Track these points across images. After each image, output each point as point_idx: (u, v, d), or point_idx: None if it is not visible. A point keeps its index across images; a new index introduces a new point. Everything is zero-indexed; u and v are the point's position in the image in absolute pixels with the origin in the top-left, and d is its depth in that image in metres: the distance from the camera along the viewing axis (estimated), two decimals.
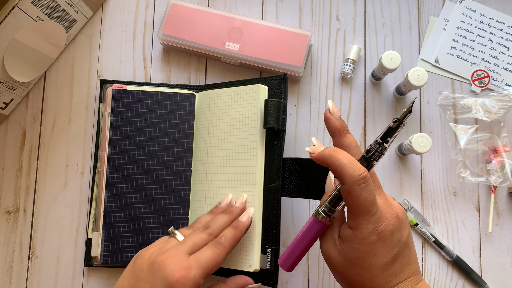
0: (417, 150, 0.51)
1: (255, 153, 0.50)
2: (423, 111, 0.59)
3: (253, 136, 0.50)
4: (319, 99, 0.59)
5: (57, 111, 0.59)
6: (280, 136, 0.50)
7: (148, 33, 0.61)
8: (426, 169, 0.57)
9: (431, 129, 0.58)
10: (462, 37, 0.60)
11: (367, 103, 0.59)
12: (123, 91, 0.55)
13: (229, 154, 0.52)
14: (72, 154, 0.58)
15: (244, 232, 0.46)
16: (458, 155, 0.57)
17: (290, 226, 0.57)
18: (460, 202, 0.57)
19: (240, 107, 0.52)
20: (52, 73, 0.60)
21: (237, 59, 0.57)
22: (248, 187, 0.50)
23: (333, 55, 0.60)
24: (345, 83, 0.59)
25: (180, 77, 0.60)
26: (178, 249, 0.40)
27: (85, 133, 0.59)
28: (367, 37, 0.60)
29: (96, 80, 0.60)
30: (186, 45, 0.57)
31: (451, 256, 0.55)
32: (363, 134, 0.58)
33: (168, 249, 0.41)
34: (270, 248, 0.49)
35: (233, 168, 0.51)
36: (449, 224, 0.56)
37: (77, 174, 0.58)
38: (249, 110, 0.51)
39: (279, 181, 0.49)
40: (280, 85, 0.51)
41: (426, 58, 0.60)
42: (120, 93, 0.55)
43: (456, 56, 0.60)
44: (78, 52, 0.60)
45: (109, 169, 0.54)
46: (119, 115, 0.55)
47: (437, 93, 0.59)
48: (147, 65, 0.60)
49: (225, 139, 0.52)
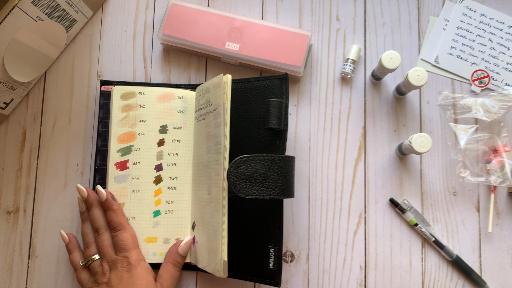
0: (417, 150, 0.51)
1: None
2: (423, 111, 0.58)
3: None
4: (319, 99, 0.59)
5: (57, 111, 0.59)
6: (282, 136, 0.50)
7: (148, 33, 0.61)
8: (426, 169, 0.57)
9: (431, 129, 0.58)
10: (462, 37, 0.60)
11: (367, 103, 0.59)
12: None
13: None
14: (72, 154, 0.58)
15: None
16: (458, 155, 0.57)
17: (290, 226, 0.56)
18: (460, 202, 0.56)
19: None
20: (52, 73, 0.60)
21: (237, 59, 0.57)
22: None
23: (333, 55, 0.60)
24: (345, 83, 0.59)
25: (180, 77, 0.60)
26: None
27: (85, 133, 0.58)
28: (367, 37, 0.60)
29: (96, 80, 0.60)
30: (186, 45, 0.57)
31: (451, 256, 0.55)
32: (363, 134, 0.58)
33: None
34: (273, 248, 0.49)
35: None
36: (449, 224, 0.56)
37: (77, 174, 0.58)
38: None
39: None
40: (281, 84, 0.51)
41: (426, 58, 0.59)
42: (109, 95, 0.56)
43: (456, 56, 0.59)
44: (78, 52, 0.60)
45: (98, 170, 0.55)
46: (107, 116, 0.55)
47: (437, 93, 0.59)
48: (147, 65, 0.60)
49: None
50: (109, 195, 0.52)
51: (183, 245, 0.51)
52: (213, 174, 0.49)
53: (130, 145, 0.54)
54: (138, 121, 0.54)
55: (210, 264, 0.48)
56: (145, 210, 0.53)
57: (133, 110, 0.54)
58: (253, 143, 0.52)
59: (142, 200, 0.53)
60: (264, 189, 0.45)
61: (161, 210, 0.53)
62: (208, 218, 0.49)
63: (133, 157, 0.54)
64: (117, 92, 0.55)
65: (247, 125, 0.53)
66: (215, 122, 0.50)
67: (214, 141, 0.50)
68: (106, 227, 0.51)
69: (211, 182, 0.50)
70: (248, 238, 0.51)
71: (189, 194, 0.54)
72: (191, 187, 0.54)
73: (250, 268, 0.51)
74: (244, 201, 0.51)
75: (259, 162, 0.46)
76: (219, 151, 0.48)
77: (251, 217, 0.51)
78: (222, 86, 0.49)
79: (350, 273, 0.55)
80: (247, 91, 0.54)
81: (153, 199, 0.53)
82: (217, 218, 0.47)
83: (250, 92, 0.53)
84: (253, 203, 0.51)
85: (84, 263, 0.51)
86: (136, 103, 0.55)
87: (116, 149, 0.54)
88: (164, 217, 0.53)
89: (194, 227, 0.53)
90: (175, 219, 0.53)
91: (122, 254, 0.49)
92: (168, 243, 0.53)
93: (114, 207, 0.51)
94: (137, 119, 0.54)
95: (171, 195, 0.53)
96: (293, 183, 0.47)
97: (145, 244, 0.52)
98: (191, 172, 0.54)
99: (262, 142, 0.51)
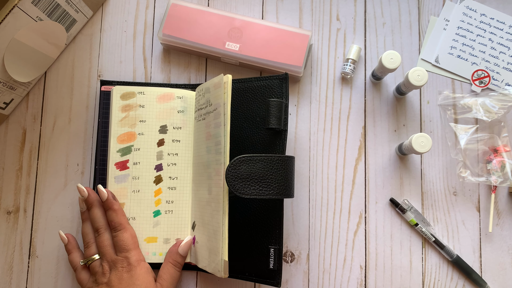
0: (417, 150, 0.51)
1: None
2: (423, 111, 0.58)
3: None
4: (319, 99, 0.59)
5: (57, 111, 0.59)
6: (282, 136, 0.50)
7: (148, 33, 0.61)
8: (426, 169, 0.57)
9: (431, 129, 0.58)
10: (463, 36, 0.60)
11: (367, 103, 0.59)
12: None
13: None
14: (72, 154, 0.58)
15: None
16: (458, 155, 0.57)
17: (290, 226, 0.56)
18: (460, 202, 0.56)
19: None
20: (52, 73, 0.59)
21: (237, 59, 0.57)
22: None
23: (333, 55, 0.59)
24: (345, 83, 0.59)
25: (180, 77, 0.59)
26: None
27: (85, 133, 0.58)
28: (367, 37, 0.60)
29: (97, 80, 0.59)
30: (186, 45, 0.57)
31: (451, 256, 0.55)
32: (363, 134, 0.58)
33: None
34: (273, 248, 0.49)
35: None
36: (449, 224, 0.56)
37: (77, 174, 0.58)
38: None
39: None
40: (282, 84, 0.51)
41: (426, 58, 0.59)
42: (108, 95, 0.55)
43: (456, 56, 0.59)
44: (78, 52, 0.60)
45: (99, 170, 0.54)
46: (107, 116, 0.55)
47: (437, 93, 0.59)
48: (147, 65, 0.60)
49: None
50: (110, 194, 0.52)
51: (183, 245, 0.51)
52: (214, 174, 0.49)
53: (130, 145, 0.54)
54: (138, 121, 0.54)
55: (210, 264, 0.48)
56: (145, 210, 0.53)
57: (133, 110, 0.54)
58: (253, 143, 0.52)
59: (142, 200, 0.53)
60: (263, 189, 0.45)
61: (161, 210, 0.53)
62: (209, 218, 0.49)
63: (133, 157, 0.53)
64: (117, 92, 0.54)
65: (247, 125, 0.53)
66: (215, 122, 0.49)
67: (214, 141, 0.50)
68: (107, 227, 0.51)
69: (211, 182, 0.49)
70: (248, 238, 0.51)
71: (189, 194, 0.54)
72: (191, 187, 0.54)
73: (250, 268, 0.50)
74: (244, 201, 0.51)
75: (258, 162, 0.46)
76: (219, 151, 0.48)
77: (251, 217, 0.51)
78: (222, 86, 0.48)
79: (350, 273, 0.55)
80: (247, 91, 0.53)
81: (153, 199, 0.53)
82: (217, 218, 0.47)
83: (250, 92, 0.53)
84: (253, 203, 0.51)
85: (84, 263, 0.51)
86: (136, 103, 0.54)
87: (116, 149, 0.54)
88: (164, 217, 0.53)
89: (194, 227, 0.52)
90: (175, 219, 0.53)
91: (122, 254, 0.49)
92: (168, 243, 0.53)
93: (114, 207, 0.51)
94: (137, 119, 0.54)
95: (171, 195, 0.53)
96: (292, 183, 0.47)
97: (145, 244, 0.52)
98: (191, 172, 0.54)
99: (262, 142, 0.51)
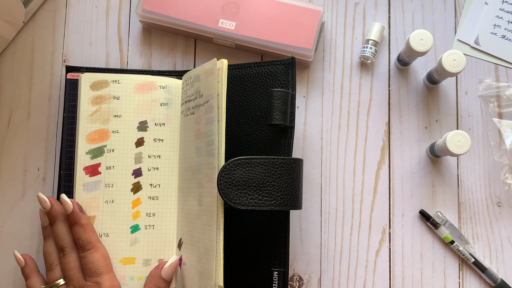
0: (453, 151, 0.49)
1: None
2: (460, 104, 0.56)
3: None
4: (333, 89, 0.57)
5: (13, 103, 0.57)
6: (287, 134, 0.48)
7: (124, 8, 0.59)
8: (464, 174, 0.55)
9: (470, 126, 0.56)
10: (508, 12, 0.57)
11: (392, 93, 0.57)
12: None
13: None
14: (32, 156, 0.56)
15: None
16: (503, 157, 0.55)
17: (299, 244, 0.54)
18: (506, 215, 0.54)
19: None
20: (8, 58, 0.58)
21: (233, 40, 0.55)
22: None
23: (350, 35, 0.58)
24: (365, 70, 0.57)
25: (164, 62, 0.58)
26: None
27: (47, 131, 0.56)
28: (392, 13, 0.58)
29: (61, 65, 0.58)
30: (171, 23, 0.56)
31: (495, 280, 0.53)
32: (386, 131, 0.56)
33: None
34: (277, 271, 0.47)
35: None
36: (492, 241, 0.54)
37: (38, 181, 0.55)
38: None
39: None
40: (287, 71, 0.50)
41: (463, 39, 0.57)
42: (76, 84, 0.54)
43: (500, 36, 0.57)
44: (39, 31, 0.58)
45: (64, 176, 0.53)
46: (75, 110, 0.53)
47: (478, 82, 0.57)
48: (123, 47, 0.58)
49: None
50: (76, 206, 0.49)
51: (167, 267, 0.49)
52: (205, 180, 0.47)
53: (102, 145, 0.52)
54: (112, 116, 0.52)
55: None
56: (121, 224, 0.51)
57: (105, 102, 0.52)
58: (253, 143, 0.51)
59: (117, 213, 0.51)
60: (262, 198, 0.44)
61: (140, 224, 0.51)
62: (199, 234, 0.47)
63: (106, 160, 0.51)
64: (86, 81, 0.52)
65: (245, 120, 0.52)
66: (207, 117, 0.48)
67: (205, 140, 0.48)
68: (73, 245, 0.48)
69: (202, 191, 0.48)
70: (247, 259, 0.49)
71: (175, 205, 0.52)
72: (177, 197, 0.52)
73: None
74: (243, 214, 0.50)
75: (257, 165, 0.44)
76: (212, 153, 0.47)
77: (251, 233, 0.50)
78: (216, 73, 0.47)
79: None
80: (246, 79, 0.52)
81: (131, 211, 0.51)
82: (210, 234, 0.46)
83: (249, 81, 0.52)
84: (253, 216, 0.50)
85: None
86: (109, 94, 0.52)
87: (85, 150, 0.51)
88: (144, 233, 0.51)
89: (180, 246, 0.51)
90: (157, 235, 0.51)
91: (92, 279, 0.46)
92: (149, 265, 0.50)
93: (82, 222, 0.48)
94: (111, 113, 0.52)
95: (152, 206, 0.51)
96: (300, 191, 0.46)
97: (121, 266, 0.50)
98: (176, 179, 0.53)
99: (264, 141, 0.50)
